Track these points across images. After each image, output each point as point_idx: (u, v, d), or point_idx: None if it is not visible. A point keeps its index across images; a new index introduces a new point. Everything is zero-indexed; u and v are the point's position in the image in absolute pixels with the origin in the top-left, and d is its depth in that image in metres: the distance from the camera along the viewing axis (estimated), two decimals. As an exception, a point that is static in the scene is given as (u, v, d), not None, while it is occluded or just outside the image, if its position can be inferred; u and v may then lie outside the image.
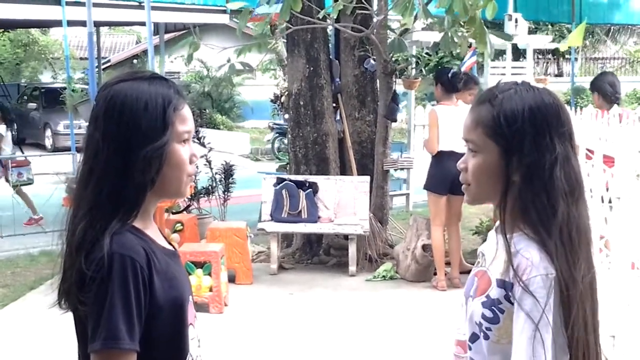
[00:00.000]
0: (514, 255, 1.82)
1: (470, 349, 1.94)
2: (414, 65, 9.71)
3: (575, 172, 1.86)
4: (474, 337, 1.92)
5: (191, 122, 1.96)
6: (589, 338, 1.82)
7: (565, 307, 1.77)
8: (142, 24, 17.09)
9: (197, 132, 9.41)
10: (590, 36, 28.07)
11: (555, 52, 28.04)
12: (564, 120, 1.88)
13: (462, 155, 1.98)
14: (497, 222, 1.98)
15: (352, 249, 8.03)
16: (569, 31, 20.46)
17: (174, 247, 2.07)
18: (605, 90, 6.68)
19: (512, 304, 1.81)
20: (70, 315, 1.90)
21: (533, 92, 1.88)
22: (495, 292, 1.86)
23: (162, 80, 1.96)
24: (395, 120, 8.74)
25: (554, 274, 1.77)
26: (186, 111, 1.95)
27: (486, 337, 1.87)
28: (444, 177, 7.39)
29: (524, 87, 1.89)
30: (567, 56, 23.72)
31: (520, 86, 1.90)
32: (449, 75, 7.63)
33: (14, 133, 24.31)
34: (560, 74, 30.66)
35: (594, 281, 1.87)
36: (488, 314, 1.85)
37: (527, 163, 1.82)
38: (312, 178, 8.47)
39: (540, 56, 29.00)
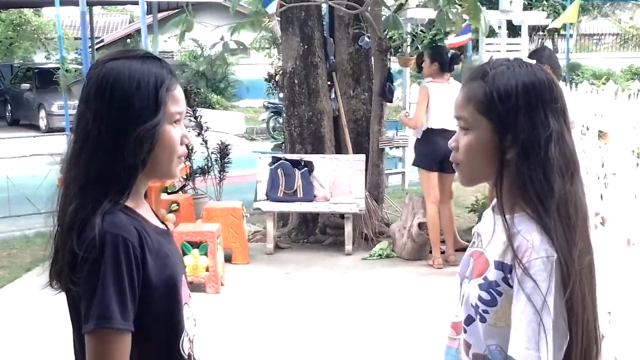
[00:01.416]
0: (514, 236, 1.78)
1: (465, 331, 1.91)
2: (408, 43, 9.68)
3: (569, 148, 1.83)
4: (469, 320, 1.88)
5: (183, 102, 1.94)
6: (589, 318, 1.79)
7: (567, 289, 1.73)
8: (135, 3, 17.04)
9: (194, 111, 9.39)
10: (585, 12, 27.99)
11: (550, 29, 27.95)
12: (557, 96, 1.84)
13: (453, 132, 1.95)
14: (494, 201, 1.95)
15: (348, 228, 8.04)
16: (563, 7, 20.42)
17: (166, 226, 2.05)
18: (557, 64, 6.54)
19: (511, 286, 1.77)
20: (63, 298, 1.89)
21: (526, 68, 1.85)
22: (493, 274, 1.82)
23: (155, 59, 1.93)
24: (391, 101, 8.73)
25: (554, 256, 1.73)
26: (178, 92, 1.93)
27: (482, 320, 1.83)
28: (434, 154, 7.43)
29: (516, 63, 1.86)
30: (562, 32, 23.64)
31: (512, 62, 1.87)
32: (449, 55, 7.61)
33: (7, 114, 24.34)
34: (555, 51, 30.60)
35: (592, 262, 1.83)
36: (485, 296, 1.82)
37: (522, 140, 1.78)
38: (307, 157, 8.45)
39: (538, 32, 28.90)
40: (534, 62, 1.95)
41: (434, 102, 7.47)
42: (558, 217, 1.77)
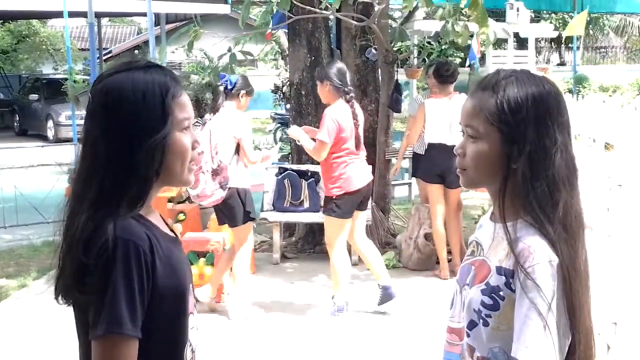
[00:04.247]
0: (515, 242, 1.82)
1: (468, 336, 1.95)
2: (415, 55, 9.70)
3: (572, 160, 1.88)
4: (472, 324, 1.92)
5: (190, 108, 1.93)
6: (588, 321, 1.86)
7: (569, 293, 1.79)
8: (143, 14, 17.11)
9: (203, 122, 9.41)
10: (592, 25, 28.03)
11: (557, 41, 27.96)
12: (564, 109, 1.90)
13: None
14: (491, 210, 2.00)
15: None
16: (572, 19, 20.42)
17: (175, 234, 2.04)
18: (339, 80, 6.36)
19: (513, 291, 1.82)
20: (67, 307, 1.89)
21: (535, 80, 1.90)
22: (495, 279, 1.87)
23: (158, 68, 1.92)
24: (399, 111, 8.75)
25: (557, 261, 1.78)
26: (184, 98, 1.91)
27: (485, 324, 1.87)
28: (432, 167, 7.57)
29: (525, 75, 1.91)
30: (569, 45, 23.64)
31: (521, 73, 1.91)
32: (443, 66, 7.64)
33: (16, 124, 24.41)
34: (562, 63, 30.65)
35: (588, 268, 1.90)
36: (487, 301, 1.86)
37: (529, 151, 1.83)
38: (314, 167, 8.46)
39: (544, 44, 28.91)
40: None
41: (430, 118, 7.49)
42: (562, 227, 1.82)
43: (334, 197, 6.22)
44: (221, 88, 6.44)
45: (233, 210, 6.32)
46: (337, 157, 6.19)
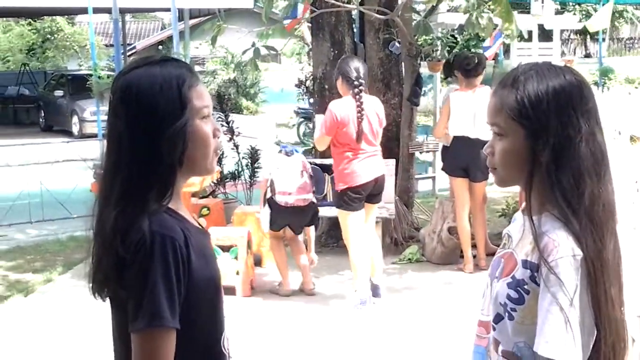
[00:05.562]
0: (539, 236, 1.82)
1: (494, 329, 1.95)
2: (439, 48, 9.66)
3: (600, 148, 1.85)
4: (498, 318, 1.92)
5: (208, 97, 1.98)
6: (617, 316, 1.82)
7: (594, 287, 1.77)
8: (167, 10, 17.19)
9: (226, 116, 9.48)
10: (618, 17, 27.76)
11: (582, 33, 27.76)
12: (588, 97, 1.87)
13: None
14: (524, 204, 1.99)
15: (378, 232, 7.99)
16: (596, 11, 20.23)
17: (201, 226, 2.09)
18: (348, 75, 6.39)
19: (538, 284, 1.81)
20: (97, 301, 1.94)
21: (555, 71, 1.88)
22: (520, 273, 1.86)
23: (173, 61, 1.99)
24: (417, 105, 8.71)
25: (581, 255, 1.77)
26: (201, 87, 1.97)
27: (510, 318, 1.87)
28: (456, 160, 7.56)
29: (545, 67, 1.89)
30: (595, 37, 23.41)
31: (541, 66, 1.90)
32: (471, 61, 7.60)
33: (41, 120, 24.61)
34: (588, 55, 30.42)
35: (620, 258, 1.87)
36: (513, 294, 1.86)
37: (553, 143, 1.81)
38: (337, 162, 8.44)
39: (571, 36, 28.69)
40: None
41: (455, 111, 7.47)
42: (587, 218, 1.80)
43: (339, 192, 6.44)
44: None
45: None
46: (340, 153, 6.37)
